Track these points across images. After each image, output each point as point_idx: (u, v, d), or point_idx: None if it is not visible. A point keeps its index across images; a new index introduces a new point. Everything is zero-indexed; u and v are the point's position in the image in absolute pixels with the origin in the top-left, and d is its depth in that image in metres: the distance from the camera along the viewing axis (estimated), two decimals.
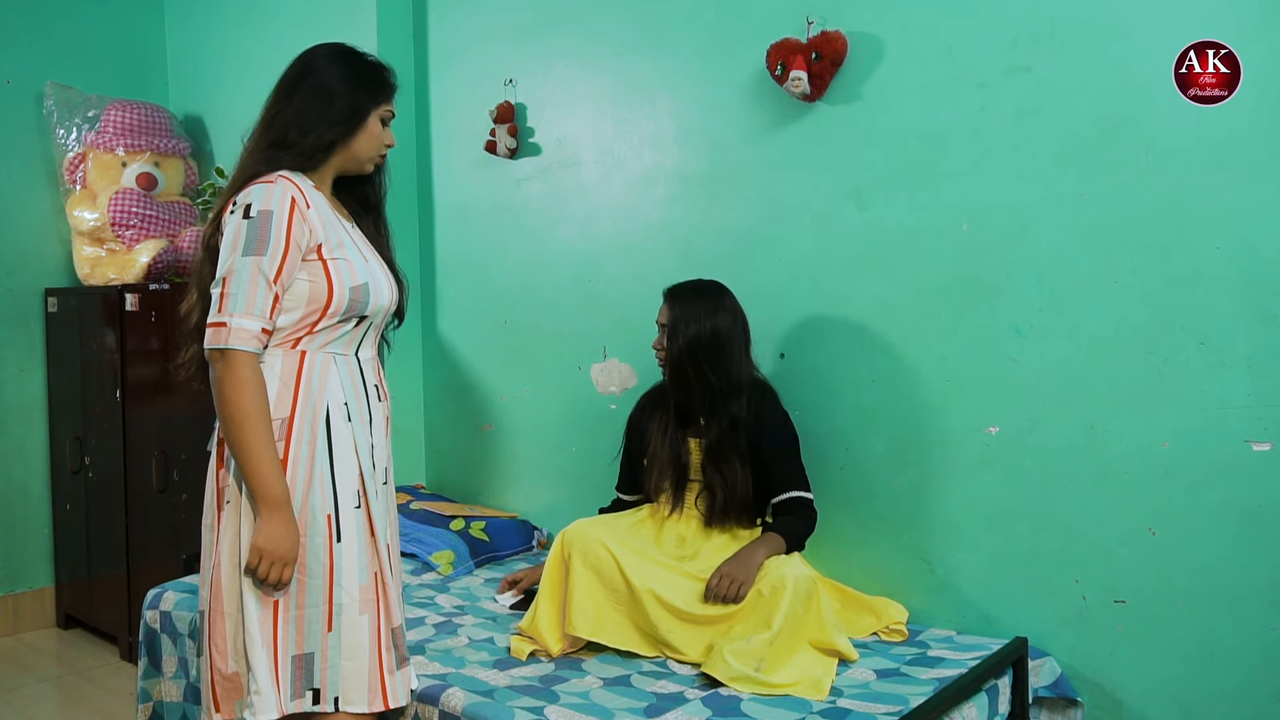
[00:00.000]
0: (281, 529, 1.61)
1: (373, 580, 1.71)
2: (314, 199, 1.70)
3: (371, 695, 1.68)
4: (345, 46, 1.81)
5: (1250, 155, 1.91)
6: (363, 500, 1.71)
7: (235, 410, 1.60)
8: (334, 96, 1.73)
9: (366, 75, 1.77)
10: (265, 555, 1.60)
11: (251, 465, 1.60)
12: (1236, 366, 1.94)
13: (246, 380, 1.61)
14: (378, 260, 1.80)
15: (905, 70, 2.32)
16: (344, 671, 1.66)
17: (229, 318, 1.61)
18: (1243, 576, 1.96)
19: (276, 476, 1.61)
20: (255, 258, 1.61)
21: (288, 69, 1.79)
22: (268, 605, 1.64)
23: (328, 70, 1.75)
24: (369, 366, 1.79)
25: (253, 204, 1.64)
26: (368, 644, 1.68)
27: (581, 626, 2.09)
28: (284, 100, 1.75)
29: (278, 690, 1.63)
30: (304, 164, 1.73)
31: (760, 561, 2.12)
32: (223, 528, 1.68)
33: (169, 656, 2.46)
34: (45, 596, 3.89)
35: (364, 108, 1.76)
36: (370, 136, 1.78)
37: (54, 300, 3.84)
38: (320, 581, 1.65)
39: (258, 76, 3.77)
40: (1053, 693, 2.14)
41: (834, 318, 2.46)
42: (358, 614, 1.67)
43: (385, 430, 1.82)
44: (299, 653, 1.65)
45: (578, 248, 3.00)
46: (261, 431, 1.61)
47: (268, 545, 1.60)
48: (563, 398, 3.05)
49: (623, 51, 2.87)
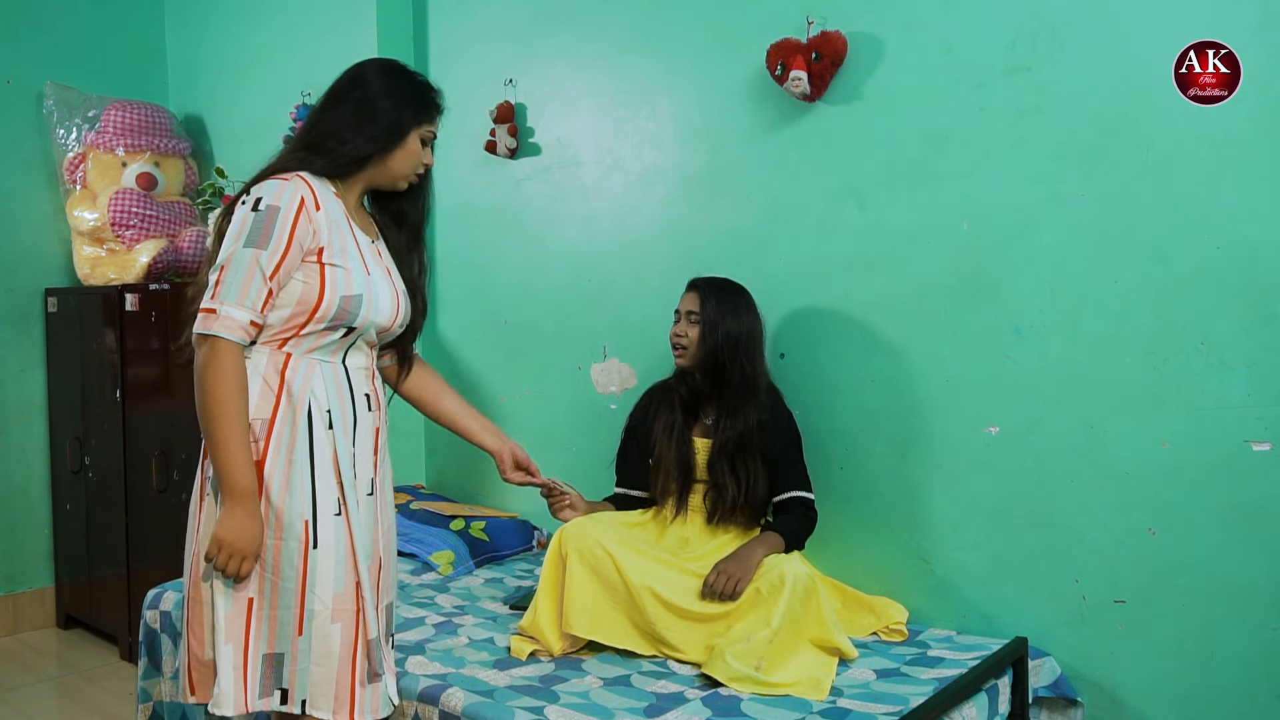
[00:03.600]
0: (244, 521, 1.60)
1: (352, 590, 1.69)
2: (327, 203, 1.70)
3: (338, 705, 1.68)
4: (397, 63, 1.83)
5: (1250, 155, 1.91)
6: (343, 509, 1.69)
7: (212, 399, 1.60)
8: (377, 111, 1.74)
9: (412, 94, 1.78)
10: (225, 546, 1.60)
11: (222, 455, 1.60)
12: (1236, 366, 1.94)
13: (228, 370, 1.61)
14: (385, 275, 1.78)
15: (905, 70, 2.32)
16: (312, 676, 1.66)
17: (220, 305, 1.61)
18: (1243, 576, 1.96)
19: (245, 469, 1.61)
20: (256, 250, 1.62)
21: (338, 78, 1.80)
22: (240, 600, 1.64)
23: (375, 84, 1.76)
24: (359, 375, 1.77)
25: (263, 198, 1.65)
26: (338, 653, 1.67)
27: (579, 625, 2.09)
28: (329, 109, 1.77)
29: (244, 686, 1.64)
30: (334, 171, 1.74)
31: (759, 560, 2.12)
32: (203, 518, 1.68)
33: (169, 656, 2.46)
34: (45, 596, 3.89)
35: (405, 125, 1.76)
36: (408, 154, 1.78)
37: (54, 300, 3.84)
38: (293, 585, 1.65)
39: (258, 76, 3.82)
40: (1053, 693, 2.14)
41: (834, 317, 2.46)
42: (329, 622, 1.66)
43: (375, 441, 1.79)
44: (270, 651, 1.66)
45: (578, 248, 3.00)
46: (236, 422, 1.61)
47: (227, 537, 1.60)
48: (563, 398, 3.05)
49: (623, 51, 2.87)
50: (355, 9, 3.33)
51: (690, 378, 2.36)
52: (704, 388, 2.34)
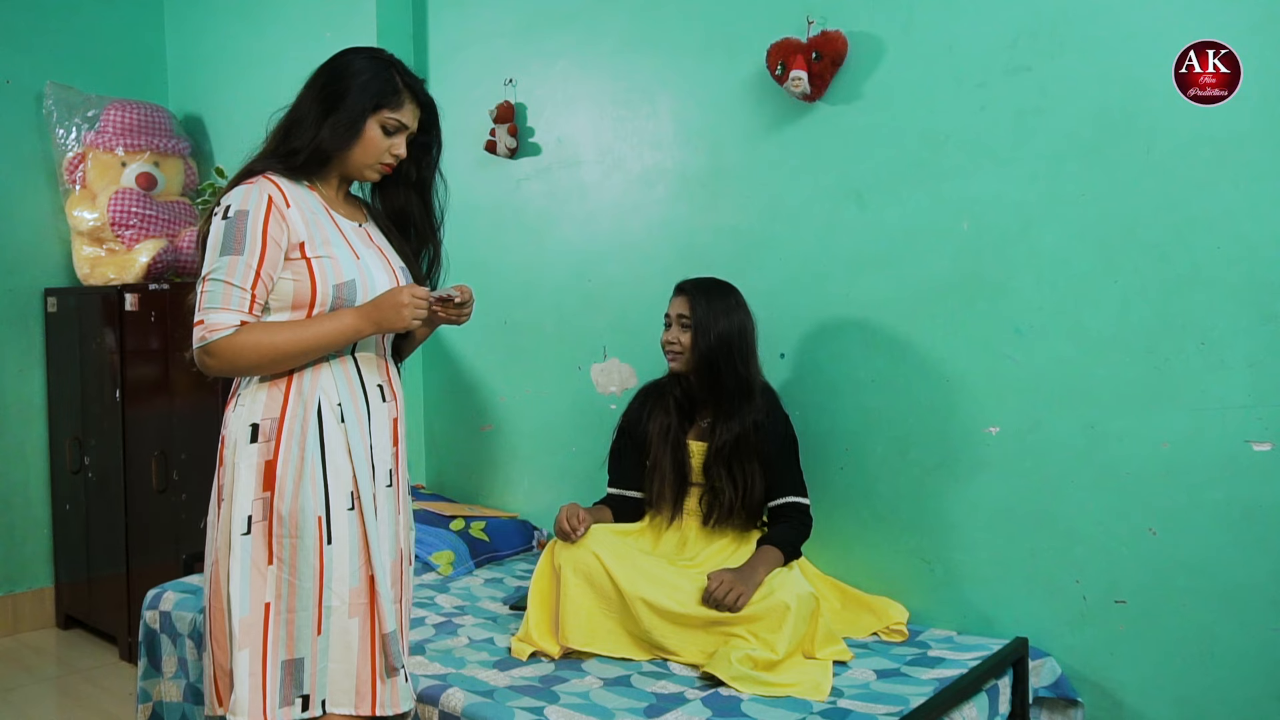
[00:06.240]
0: (380, 304, 1.66)
1: (366, 584, 1.69)
2: (299, 198, 1.69)
3: (359, 699, 1.67)
4: (367, 50, 1.78)
5: (1250, 155, 1.91)
6: (356, 502, 1.69)
7: (269, 357, 1.62)
8: (334, 100, 1.71)
9: (370, 80, 1.72)
10: (378, 310, 1.66)
11: (325, 340, 1.65)
12: (1236, 366, 1.94)
13: (246, 343, 1.61)
14: (378, 256, 1.76)
15: (905, 70, 2.32)
16: (331, 674, 1.65)
17: (206, 315, 1.62)
18: (1243, 576, 1.96)
19: (335, 320, 1.66)
20: (232, 257, 1.62)
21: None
22: (257, 605, 1.63)
23: (339, 74, 1.72)
24: (369, 365, 1.75)
25: (230, 205, 1.65)
26: (357, 647, 1.67)
27: (574, 638, 2.10)
28: (298, 100, 1.75)
29: (263, 694, 1.61)
30: (296, 168, 1.71)
31: (761, 579, 2.10)
32: (220, 525, 1.67)
33: (168, 657, 2.46)
34: (45, 596, 3.89)
35: (360, 114, 1.71)
36: (367, 144, 1.72)
37: (54, 300, 3.84)
38: (310, 584, 1.64)
39: (258, 76, 3.82)
40: (1053, 693, 2.14)
41: (834, 317, 2.46)
42: (347, 617, 1.66)
43: (391, 431, 1.78)
44: (289, 658, 1.64)
45: (578, 247, 2.99)
46: (297, 336, 1.63)
47: (378, 315, 1.66)
48: (563, 398, 3.05)
49: (623, 51, 2.87)
50: (355, 9, 3.33)
51: (684, 380, 2.34)
52: (699, 390, 2.33)
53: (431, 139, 1.85)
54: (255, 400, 1.67)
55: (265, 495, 1.64)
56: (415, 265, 1.87)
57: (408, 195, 1.87)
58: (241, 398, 1.69)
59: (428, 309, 1.69)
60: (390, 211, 1.88)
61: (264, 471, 1.64)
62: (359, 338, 1.68)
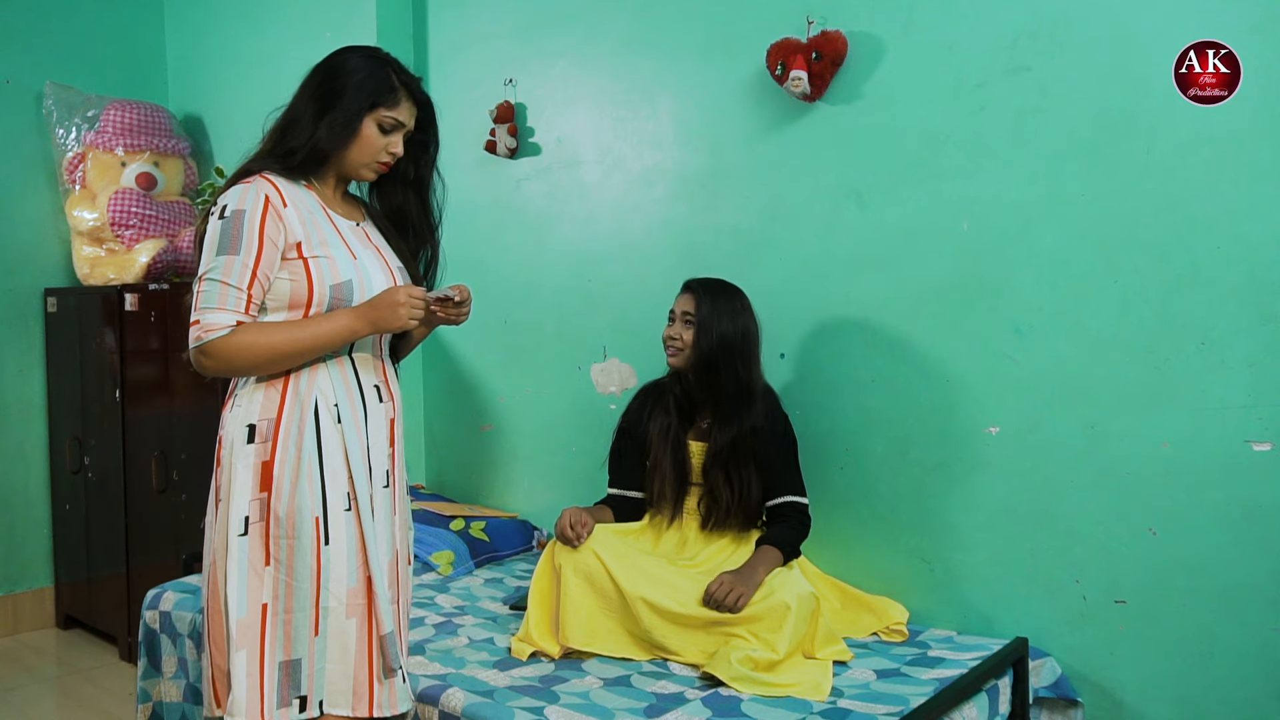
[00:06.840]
0: (377, 304, 1.65)
1: (363, 585, 1.68)
2: (296, 197, 1.69)
3: (357, 700, 1.67)
4: (363, 49, 1.77)
5: (1250, 155, 1.91)
6: (353, 503, 1.68)
7: (265, 357, 1.62)
8: (330, 99, 1.70)
9: (366, 79, 1.71)
10: (375, 308, 1.65)
11: (321, 340, 1.64)
12: (1236, 366, 1.94)
13: (243, 344, 1.61)
14: (376, 256, 1.76)
15: (905, 70, 2.32)
16: (329, 675, 1.65)
17: (202, 315, 1.62)
18: (1243, 576, 1.96)
19: (331, 321, 1.65)
20: (229, 256, 1.61)
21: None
22: (254, 606, 1.62)
23: (336, 73, 1.72)
24: (366, 366, 1.75)
25: (227, 204, 1.64)
26: (355, 648, 1.67)
27: (575, 638, 2.10)
28: (295, 98, 1.74)
29: (260, 695, 1.61)
30: (293, 167, 1.70)
31: (761, 579, 2.10)
32: (218, 526, 1.67)
33: (168, 657, 2.46)
34: (45, 596, 3.89)
35: (356, 113, 1.70)
36: (364, 143, 1.72)
37: (53, 300, 3.84)
38: (308, 585, 1.63)
39: (257, 76, 3.82)
40: (1053, 693, 2.14)
41: (834, 317, 2.46)
42: (344, 618, 1.66)
43: (388, 432, 1.78)
44: (287, 658, 1.63)
45: (577, 247, 2.99)
46: (293, 337, 1.63)
47: (375, 314, 1.65)
48: (563, 398, 3.05)
49: (623, 52, 2.87)
50: (355, 9, 3.33)
51: (684, 379, 2.34)
52: (698, 390, 2.32)
53: (429, 137, 1.84)
54: (252, 401, 1.66)
55: (262, 496, 1.64)
56: (413, 265, 1.86)
57: (406, 194, 1.86)
58: (238, 398, 1.69)
59: (425, 309, 1.69)
60: (388, 211, 1.87)
61: (261, 472, 1.64)
62: (356, 338, 1.68)
